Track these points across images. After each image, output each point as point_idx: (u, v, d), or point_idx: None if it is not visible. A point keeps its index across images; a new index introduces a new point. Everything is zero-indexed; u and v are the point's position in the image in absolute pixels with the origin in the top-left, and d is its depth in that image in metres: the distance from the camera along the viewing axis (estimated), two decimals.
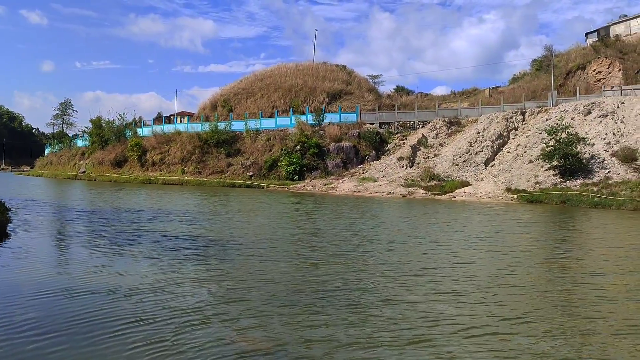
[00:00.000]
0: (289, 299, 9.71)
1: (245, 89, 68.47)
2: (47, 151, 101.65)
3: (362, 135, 54.97)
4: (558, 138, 39.09)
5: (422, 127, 55.25)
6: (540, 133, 43.89)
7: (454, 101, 63.86)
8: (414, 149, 51.05)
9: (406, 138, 54.68)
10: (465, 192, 40.32)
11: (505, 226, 22.65)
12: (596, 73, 54.78)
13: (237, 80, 74.01)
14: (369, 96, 64.31)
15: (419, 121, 56.50)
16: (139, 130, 71.31)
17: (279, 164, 53.57)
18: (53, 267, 12.31)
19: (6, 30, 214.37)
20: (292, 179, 51.42)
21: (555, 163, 39.06)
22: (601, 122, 42.81)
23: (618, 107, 43.57)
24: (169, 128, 67.69)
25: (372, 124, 57.17)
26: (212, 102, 70.31)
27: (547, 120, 45.82)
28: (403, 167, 48.67)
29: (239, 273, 11.85)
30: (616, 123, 42.15)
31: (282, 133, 57.71)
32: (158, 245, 15.23)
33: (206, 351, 7.11)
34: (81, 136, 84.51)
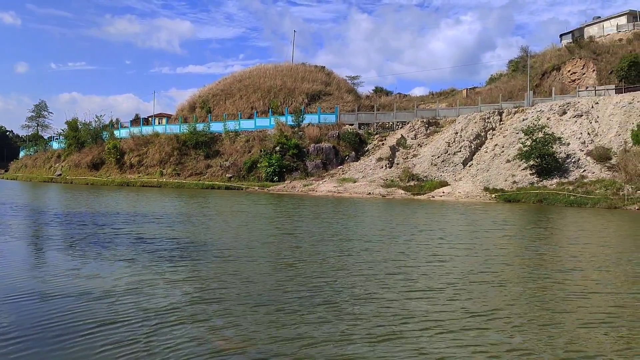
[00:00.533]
0: (265, 299, 9.66)
1: (223, 90, 68.07)
2: (22, 154, 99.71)
3: (342, 136, 55.03)
4: (534, 138, 39.58)
5: (401, 128, 55.50)
6: (517, 133, 44.40)
7: (432, 102, 64.30)
8: (393, 150, 51.26)
9: (385, 139, 54.88)
10: (444, 192, 40.59)
11: (481, 225, 22.84)
12: (571, 74, 55.64)
13: (216, 81, 73.64)
14: (348, 97, 64.39)
15: (398, 122, 56.75)
16: (117, 132, 70.42)
17: (259, 165, 53.33)
18: (24, 271, 12.06)
19: None
20: (272, 180, 51.22)
21: (532, 162, 39.53)
22: (576, 122, 43.47)
23: (592, 107, 44.28)
24: (147, 130, 66.95)
25: (352, 125, 57.27)
26: (191, 104, 69.77)
27: (524, 120, 46.37)
28: (382, 168, 48.84)
29: (215, 274, 11.74)
30: (590, 123, 42.83)
31: (262, 134, 57.49)
32: (133, 247, 15.02)
33: (179, 351, 7.03)
34: (57, 138, 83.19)
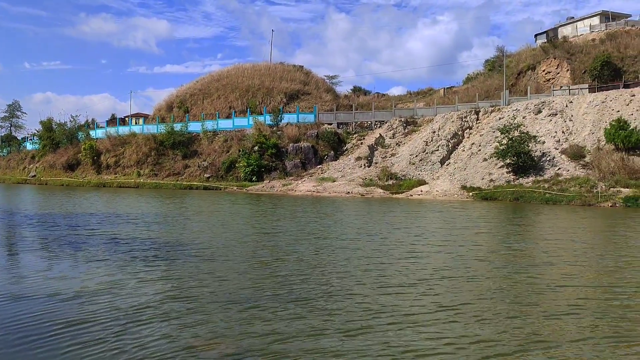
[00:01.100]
0: (239, 296, 9.62)
1: (201, 90, 67.57)
2: None
3: (321, 135, 55.03)
4: (511, 136, 40.07)
5: (380, 127, 55.71)
6: (493, 132, 44.91)
7: (410, 101, 64.70)
8: (372, 149, 51.44)
9: (364, 138, 55.04)
10: (422, 191, 40.87)
11: (457, 223, 23.08)
12: (545, 73, 56.44)
13: (194, 81, 73.03)
14: (327, 96, 64.43)
15: (376, 121, 56.96)
16: (92, 132, 69.40)
17: (237, 165, 53.04)
18: None
19: None
20: (251, 180, 50.98)
21: (508, 161, 40.01)
22: (551, 121, 44.12)
23: (566, 106, 44.99)
24: (124, 130, 66.11)
25: (330, 124, 57.31)
26: (168, 103, 69.09)
27: (500, 119, 46.92)
28: (361, 167, 48.97)
29: (189, 273, 11.64)
30: (565, 121, 43.52)
31: (240, 134, 57.17)
32: (107, 248, 14.81)
33: (148, 349, 6.96)
34: (31, 139, 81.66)
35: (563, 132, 42.53)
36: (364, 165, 49.21)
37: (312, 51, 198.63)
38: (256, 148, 53.07)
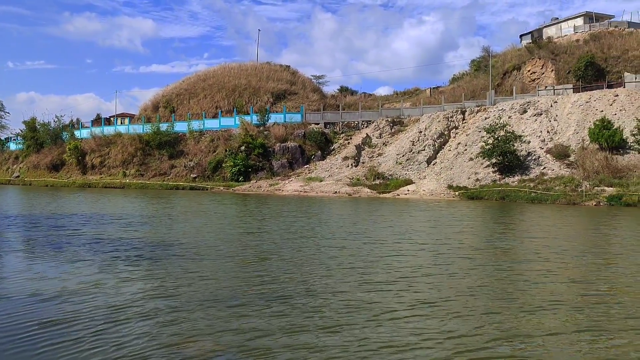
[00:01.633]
0: (219, 294, 9.58)
1: (187, 90, 67.13)
2: None
3: (308, 135, 54.94)
4: (496, 136, 40.30)
5: (366, 127, 55.78)
6: (479, 131, 45.14)
7: (397, 101, 64.83)
8: (359, 149, 51.47)
9: (351, 138, 55.07)
10: (408, 190, 40.96)
11: (442, 222, 23.17)
12: (531, 73, 56.87)
13: (180, 80, 72.51)
14: (314, 96, 64.35)
15: (363, 121, 57.01)
16: (77, 132, 68.63)
17: (224, 165, 52.79)
18: None
19: None
20: (237, 180, 50.75)
21: (494, 160, 40.23)
22: (536, 121, 44.46)
23: (551, 106, 45.37)
24: (109, 130, 65.52)
25: (317, 124, 57.26)
26: (154, 103, 68.54)
27: (486, 119, 47.18)
28: (348, 167, 48.98)
29: (171, 272, 11.53)
30: (550, 121, 43.87)
31: (226, 134, 56.89)
32: (88, 248, 14.62)
33: (126, 348, 6.88)
34: (14, 139, 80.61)
35: (548, 132, 42.87)
36: (351, 165, 49.23)
37: (299, 51, 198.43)
38: (243, 148, 52.84)
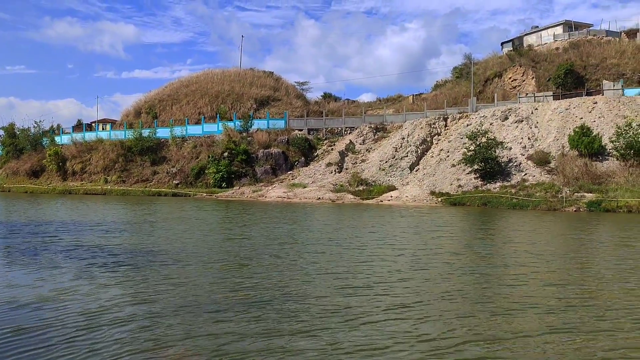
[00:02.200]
0: (195, 300, 9.58)
1: (170, 96, 66.77)
2: None
3: (291, 141, 54.95)
4: (478, 142, 40.68)
5: (350, 133, 55.95)
6: (461, 138, 45.54)
7: (380, 108, 65.25)
8: (342, 155, 51.60)
9: (334, 144, 55.19)
10: (392, 196, 41.14)
11: (423, 227, 23.34)
12: (512, 80, 57.63)
13: (162, 86, 72.15)
14: (297, 102, 64.45)
15: (347, 127, 57.21)
16: (58, 138, 67.67)
17: (207, 172, 52.50)
18: None
19: None
20: (220, 187, 50.50)
21: (476, 167, 40.57)
22: (517, 127, 45.01)
23: (532, 113, 45.99)
24: (90, 136, 64.80)
25: (301, 130, 57.30)
26: (136, 109, 68.02)
27: (468, 125, 47.63)
28: (332, 173, 49.06)
29: (148, 278, 11.48)
30: (531, 128, 44.45)
31: (209, 140, 56.63)
32: (65, 255, 14.45)
33: (99, 354, 6.89)
34: None
35: (529, 139, 43.42)
36: (335, 171, 49.32)
37: (282, 57, 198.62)
38: (226, 154, 52.64)
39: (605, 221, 26.48)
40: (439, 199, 38.85)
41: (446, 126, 50.77)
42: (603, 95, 46.93)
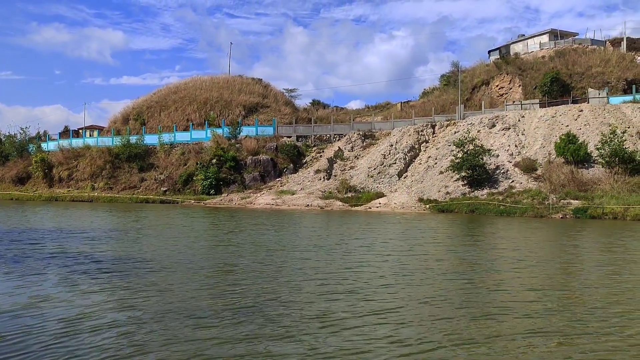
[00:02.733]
0: (178, 306, 9.57)
1: (158, 102, 66.50)
2: None
3: (280, 148, 54.93)
4: (466, 150, 40.93)
5: (338, 140, 56.07)
6: (449, 145, 45.81)
7: (368, 115, 65.47)
8: (331, 162, 51.67)
9: (323, 151, 55.26)
10: (380, 203, 41.23)
11: (410, 234, 23.40)
12: (499, 88, 58.14)
13: (150, 93, 71.78)
14: (286, 109, 64.48)
15: (335, 134, 57.33)
16: (44, 144, 67.17)
17: (195, 178, 52.29)
18: None
19: None
20: (209, 194, 50.30)
21: (463, 174, 40.76)
22: (504, 135, 45.37)
23: (519, 121, 46.40)
24: (77, 142, 64.36)
25: (290, 137, 57.33)
26: (124, 116, 67.71)
27: (456, 133, 47.94)
28: (321, 180, 49.08)
29: (131, 284, 11.44)
30: (518, 135, 44.83)
31: (198, 146, 56.48)
32: (47, 262, 14.33)
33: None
34: None
35: (516, 146, 43.77)
36: (323, 178, 49.34)
37: (271, 64, 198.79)
38: (214, 161, 52.46)
39: (590, 228, 26.73)
40: (427, 206, 38.99)
41: (434, 133, 51.05)
42: (588, 103, 47.53)
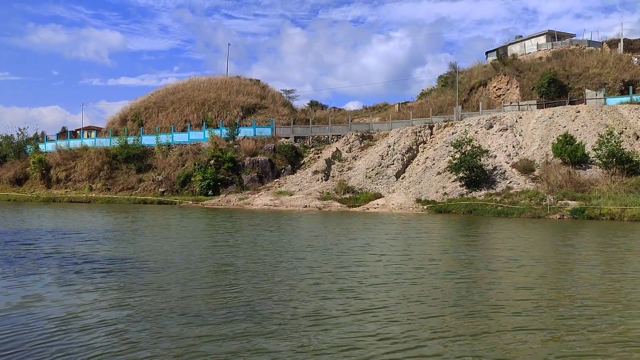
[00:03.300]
0: (170, 305, 9.61)
1: (156, 103, 66.51)
2: None
3: (278, 149, 54.97)
4: (463, 151, 40.98)
5: (336, 141, 56.12)
6: (447, 146, 45.88)
7: (366, 116, 65.55)
8: (329, 163, 51.71)
9: (321, 152, 55.30)
10: (378, 204, 41.28)
11: (406, 234, 23.45)
12: (496, 89, 58.24)
13: (148, 94, 71.80)
14: (284, 110, 64.54)
15: (333, 135, 57.38)
16: (42, 145, 67.17)
17: (193, 179, 52.31)
18: None
19: None
20: (207, 195, 50.31)
21: (461, 175, 40.82)
22: (502, 136, 45.46)
23: (516, 122, 46.50)
24: (75, 143, 64.36)
25: (288, 138, 57.37)
26: (122, 117, 67.68)
27: (453, 134, 48.01)
28: (318, 181, 49.11)
29: (125, 284, 11.47)
30: (515, 136, 44.93)
31: (195, 147, 56.50)
32: (41, 262, 14.34)
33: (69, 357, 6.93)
34: None
35: (513, 147, 43.87)
36: (321, 178, 49.38)
37: (269, 65, 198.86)
38: (212, 162, 52.48)
39: (586, 228, 26.77)
40: (425, 207, 39.05)
41: (432, 134, 51.12)
42: (586, 104, 47.64)
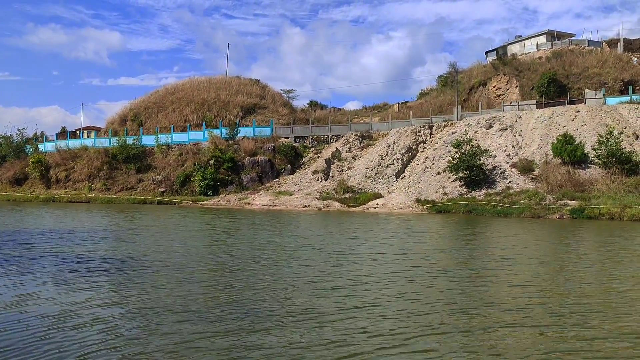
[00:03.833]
0: (167, 303, 9.63)
1: (156, 103, 66.53)
2: None
3: (278, 149, 54.96)
4: (463, 150, 40.96)
5: (336, 141, 56.11)
6: (446, 146, 45.87)
7: (366, 116, 65.55)
8: (329, 163, 51.69)
9: (321, 152, 55.29)
10: (377, 204, 41.26)
11: (405, 234, 23.42)
12: (496, 89, 58.23)
13: (148, 93, 71.84)
14: (284, 110, 64.56)
15: (333, 135, 57.38)
16: (41, 145, 67.20)
17: (192, 179, 52.29)
18: None
19: None
20: (206, 195, 50.29)
21: (461, 174, 40.80)
22: (501, 135, 45.45)
23: (516, 121, 46.48)
24: (75, 143, 64.38)
25: (287, 138, 57.36)
26: (122, 117, 67.71)
27: (453, 133, 48.00)
28: (318, 181, 49.09)
29: (121, 282, 11.48)
30: (515, 136, 44.92)
31: (195, 147, 56.48)
32: (36, 262, 14.33)
33: (65, 352, 6.95)
34: None
35: (513, 147, 43.85)
36: (321, 178, 49.37)
37: (269, 65, 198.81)
38: (212, 162, 52.46)
39: (586, 228, 26.75)
40: (425, 207, 39.03)
41: (431, 134, 51.11)
42: (585, 104, 47.61)
